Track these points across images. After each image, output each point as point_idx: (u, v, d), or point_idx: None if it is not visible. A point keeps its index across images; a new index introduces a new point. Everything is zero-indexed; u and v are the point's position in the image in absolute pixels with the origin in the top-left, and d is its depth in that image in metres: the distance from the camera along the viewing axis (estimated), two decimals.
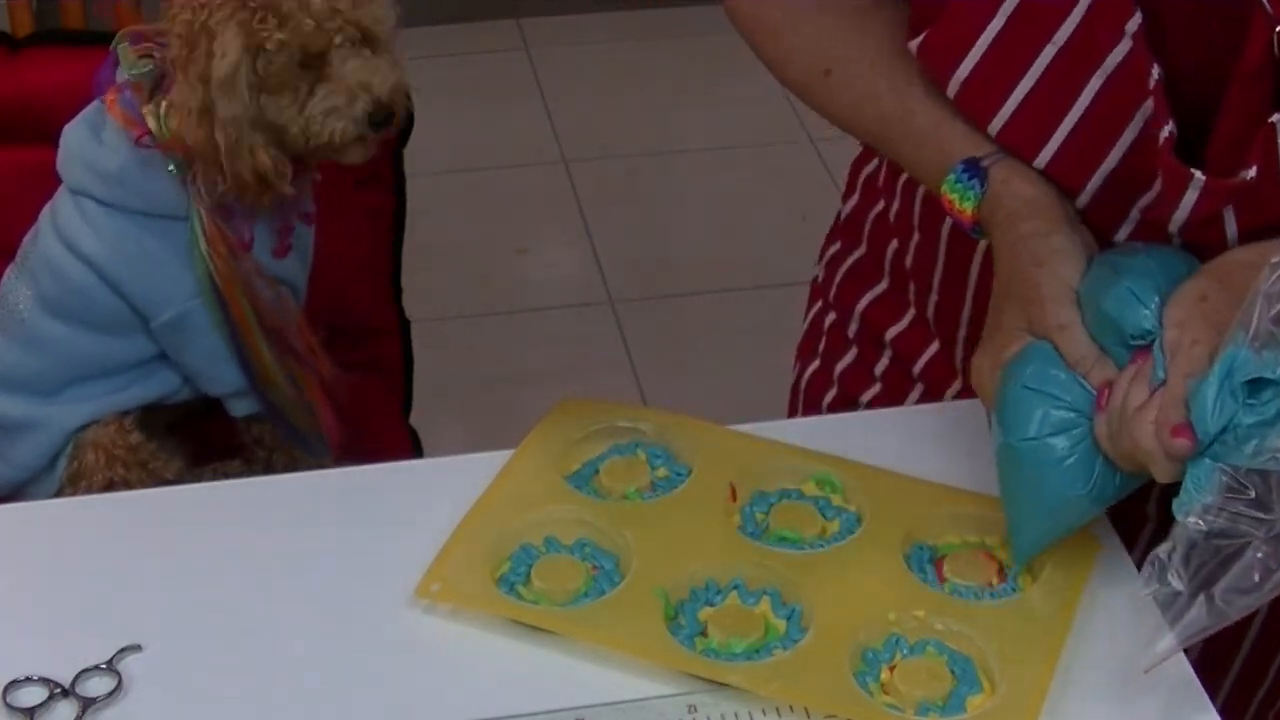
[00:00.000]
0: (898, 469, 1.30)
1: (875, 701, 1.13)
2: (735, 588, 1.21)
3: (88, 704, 1.14)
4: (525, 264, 3.32)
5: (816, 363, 1.59)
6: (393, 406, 1.99)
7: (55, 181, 1.82)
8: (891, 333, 1.52)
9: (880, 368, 1.53)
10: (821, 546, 1.24)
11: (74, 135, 1.70)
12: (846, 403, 1.55)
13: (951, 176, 1.27)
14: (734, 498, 1.28)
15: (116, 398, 1.73)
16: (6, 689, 1.14)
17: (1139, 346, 1.14)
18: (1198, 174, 1.17)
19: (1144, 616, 1.19)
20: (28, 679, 1.15)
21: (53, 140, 1.88)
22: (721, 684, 1.14)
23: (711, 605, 1.20)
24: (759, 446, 1.32)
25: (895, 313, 1.51)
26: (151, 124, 1.62)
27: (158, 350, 1.72)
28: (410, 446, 1.96)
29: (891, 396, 1.49)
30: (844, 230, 1.57)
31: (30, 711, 1.13)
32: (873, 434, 1.33)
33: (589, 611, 1.19)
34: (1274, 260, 1.08)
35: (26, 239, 1.76)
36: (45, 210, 1.74)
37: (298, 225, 1.71)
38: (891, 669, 1.15)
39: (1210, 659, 1.39)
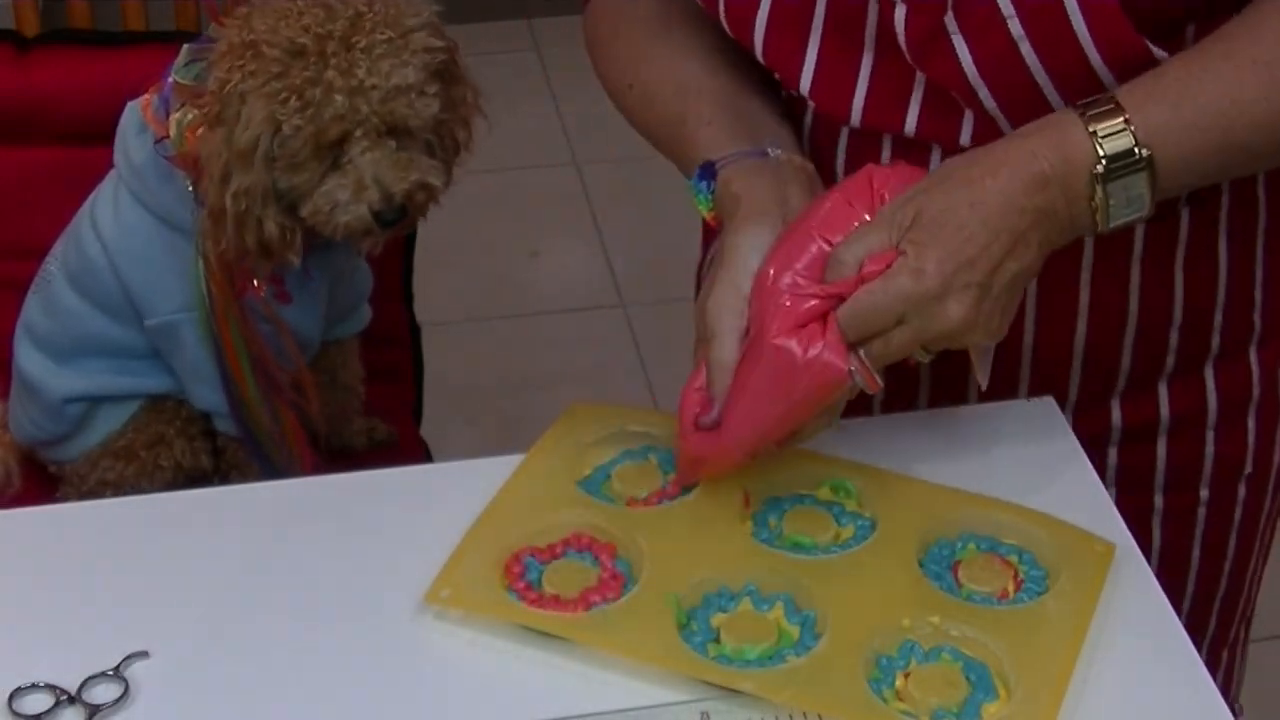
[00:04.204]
0: (912, 474, 1.29)
1: (890, 708, 1.12)
2: (748, 594, 1.20)
3: (94, 711, 1.13)
4: (537, 267, 3.31)
5: None
6: (404, 413, 1.98)
7: (65, 181, 1.81)
8: None
9: None
10: (835, 552, 1.23)
11: (127, 116, 1.68)
12: None
13: (692, 181, 1.30)
14: (747, 504, 1.27)
15: (116, 380, 1.73)
16: (12, 696, 1.14)
17: None
18: None
19: (1160, 623, 1.19)
20: (33, 686, 1.14)
21: (62, 140, 1.88)
22: (734, 691, 1.13)
23: (724, 611, 1.19)
24: (772, 452, 1.31)
25: None
26: (172, 131, 1.59)
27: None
28: (422, 453, 1.95)
29: None
30: None
31: (36, 718, 1.12)
32: (887, 438, 1.32)
33: (600, 617, 1.18)
34: None
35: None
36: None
37: (314, 277, 1.69)
38: (906, 676, 1.14)
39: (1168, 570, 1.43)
